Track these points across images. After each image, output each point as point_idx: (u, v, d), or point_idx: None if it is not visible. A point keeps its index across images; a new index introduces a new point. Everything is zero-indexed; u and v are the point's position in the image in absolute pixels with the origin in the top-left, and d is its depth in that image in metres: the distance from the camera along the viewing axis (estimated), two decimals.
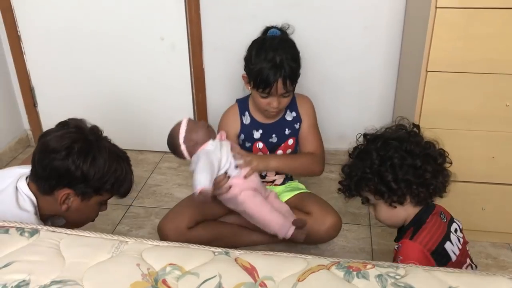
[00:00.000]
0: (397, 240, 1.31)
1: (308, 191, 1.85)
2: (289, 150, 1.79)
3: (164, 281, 0.88)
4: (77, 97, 2.25)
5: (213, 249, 0.99)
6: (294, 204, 1.74)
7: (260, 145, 1.77)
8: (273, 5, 2.04)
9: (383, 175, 1.22)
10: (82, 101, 2.23)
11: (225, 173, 1.56)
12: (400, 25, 2.04)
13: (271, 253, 1.01)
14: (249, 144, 1.77)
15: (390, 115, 2.21)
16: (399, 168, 1.21)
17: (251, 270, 0.93)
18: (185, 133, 1.57)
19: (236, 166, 1.59)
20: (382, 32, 2.08)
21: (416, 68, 1.62)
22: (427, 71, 1.52)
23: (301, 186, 1.87)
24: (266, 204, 1.59)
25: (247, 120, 1.75)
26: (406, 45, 2.00)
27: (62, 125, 1.28)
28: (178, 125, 1.60)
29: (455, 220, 1.31)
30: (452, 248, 1.22)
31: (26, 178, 1.27)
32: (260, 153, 1.77)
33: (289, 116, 1.76)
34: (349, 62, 2.15)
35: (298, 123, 1.77)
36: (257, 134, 1.75)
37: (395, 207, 1.26)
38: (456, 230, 1.28)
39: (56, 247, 0.97)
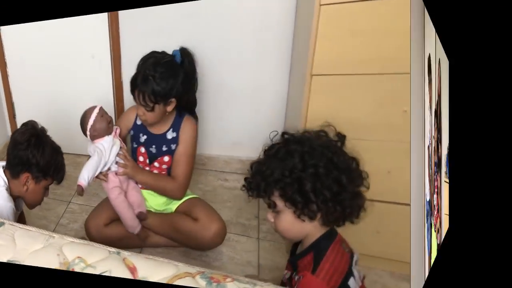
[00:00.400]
0: (293, 261, 1.19)
1: (196, 196, 1.90)
2: (164, 166, 1.84)
3: (73, 270, 1.09)
4: (41, 110, 2.53)
5: (109, 248, 1.15)
6: (184, 210, 1.84)
7: (142, 149, 1.86)
8: (174, 16, 2.07)
9: (303, 182, 1.07)
10: (44, 113, 2.34)
11: (109, 168, 1.77)
12: (291, 26, 1.88)
13: (151, 257, 1.12)
14: (136, 145, 1.87)
15: (282, 123, 2.08)
16: (324, 179, 1.06)
17: (133, 270, 1.05)
18: (93, 122, 1.73)
19: (116, 163, 1.77)
20: (272, 35, 1.95)
21: (302, 72, 1.46)
22: (311, 75, 1.40)
23: (188, 192, 1.91)
24: (126, 204, 1.79)
25: (139, 121, 1.83)
26: (296, 48, 1.82)
27: (24, 125, 1.67)
28: (90, 111, 1.75)
29: (353, 251, 1.17)
30: (354, 285, 1.11)
31: (2, 167, 1.66)
32: (141, 157, 1.87)
33: (169, 135, 1.81)
34: (242, 68, 2.09)
35: (175, 145, 1.80)
36: (142, 138, 1.85)
37: (304, 220, 1.11)
38: (356, 262, 1.16)
39: (12, 236, 1.22)
